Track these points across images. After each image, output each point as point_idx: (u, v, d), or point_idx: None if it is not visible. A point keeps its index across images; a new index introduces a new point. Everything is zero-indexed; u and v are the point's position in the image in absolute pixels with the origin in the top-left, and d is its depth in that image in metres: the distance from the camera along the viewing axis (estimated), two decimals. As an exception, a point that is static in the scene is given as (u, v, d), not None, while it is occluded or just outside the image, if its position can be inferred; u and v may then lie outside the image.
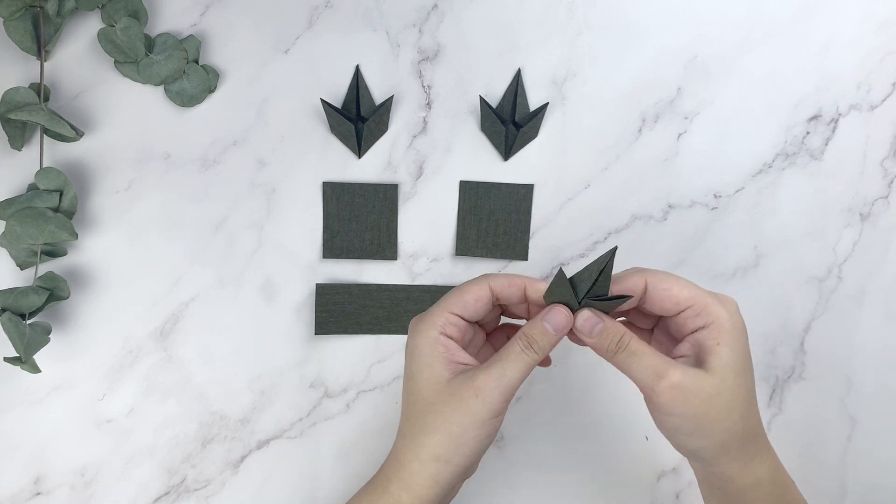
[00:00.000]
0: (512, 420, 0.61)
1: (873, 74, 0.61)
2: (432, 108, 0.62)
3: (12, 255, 0.59)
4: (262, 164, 0.61)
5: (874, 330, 0.60)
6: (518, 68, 0.61)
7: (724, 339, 0.41)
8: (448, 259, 0.61)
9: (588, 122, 0.61)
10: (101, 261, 0.61)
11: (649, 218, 0.61)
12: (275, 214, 0.61)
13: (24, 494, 0.60)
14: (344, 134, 0.60)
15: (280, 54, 0.62)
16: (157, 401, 0.60)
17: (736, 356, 0.42)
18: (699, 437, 0.43)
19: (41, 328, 0.57)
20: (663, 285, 0.43)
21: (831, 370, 0.60)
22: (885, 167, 0.61)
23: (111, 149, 0.61)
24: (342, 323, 0.60)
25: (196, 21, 0.62)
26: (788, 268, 0.61)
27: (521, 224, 0.61)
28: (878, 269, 0.61)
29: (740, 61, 0.61)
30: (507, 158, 0.61)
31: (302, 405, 0.61)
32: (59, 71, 0.61)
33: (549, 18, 0.62)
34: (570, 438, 0.60)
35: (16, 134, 0.59)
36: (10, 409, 0.60)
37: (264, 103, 0.62)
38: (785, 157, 0.61)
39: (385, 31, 0.62)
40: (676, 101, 0.61)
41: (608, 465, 0.60)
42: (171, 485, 0.60)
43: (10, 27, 0.58)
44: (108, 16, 0.59)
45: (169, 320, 0.61)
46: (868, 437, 0.60)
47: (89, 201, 0.61)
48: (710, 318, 0.42)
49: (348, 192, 0.61)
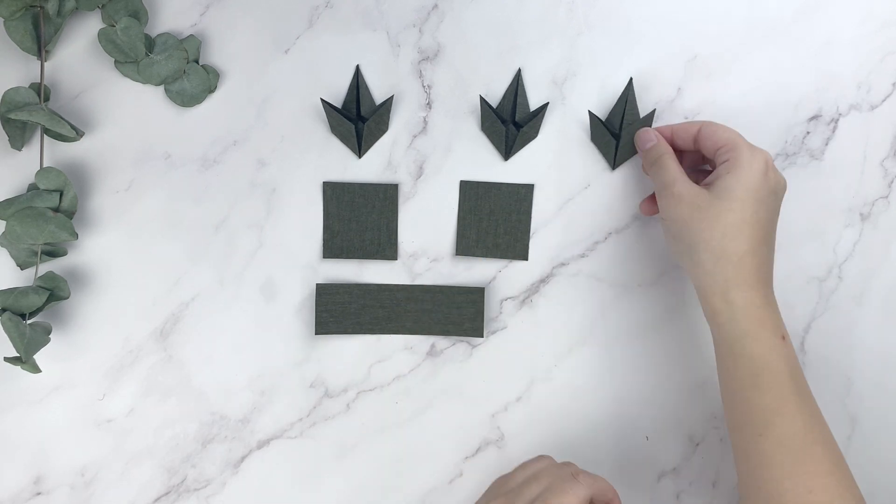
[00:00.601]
0: (512, 420, 0.61)
1: (873, 74, 0.61)
2: (432, 108, 0.62)
3: (12, 255, 0.59)
4: (262, 164, 0.61)
5: (874, 330, 0.60)
6: (518, 68, 0.61)
7: (734, 170, 0.50)
8: (448, 259, 0.61)
9: (588, 122, 0.61)
10: (101, 261, 0.61)
11: (649, 218, 0.61)
12: (275, 214, 0.61)
13: (24, 494, 0.60)
14: (344, 134, 0.60)
15: (280, 54, 0.62)
16: (157, 401, 0.60)
17: (739, 185, 0.49)
18: (680, 242, 0.51)
19: (41, 328, 0.57)
20: (712, 129, 0.53)
21: (831, 370, 0.60)
22: (885, 167, 0.61)
23: (111, 149, 0.61)
24: (342, 323, 0.60)
25: (196, 21, 0.62)
26: (788, 268, 0.61)
27: (521, 224, 0.61)
28: (878, 269, 0.61)
29: (740, 61, 0.61)
30: (507, 158, 0.61)
31: (302, 405, 0.61)
32: (59, 71, 0.61)
33: (549, 18, 0.62)
34: (570, 438, 0.60)
35: (16, 134, 0.59)
36: (10, 409, 0.60)
37: (264, 103, 0.62)
38: (785, 157, 0.61)
39: (385, 31, 0.62)
40: (676, 101, 0.61)
41: (608, 465, 0.60)
42: (171, 485, 0.60)
43: (10, 27, 0.58)
44: (109, 16, 0.59)
45: (169, 320, 0.61)
46: (868, 437, 0.60)
47: (89, 201, 0.61)
48: (733, 154, 0.50)
49: (348, 192, 0.61)
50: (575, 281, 0.61)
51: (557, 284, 0.61)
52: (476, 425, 0.61)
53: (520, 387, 0.61)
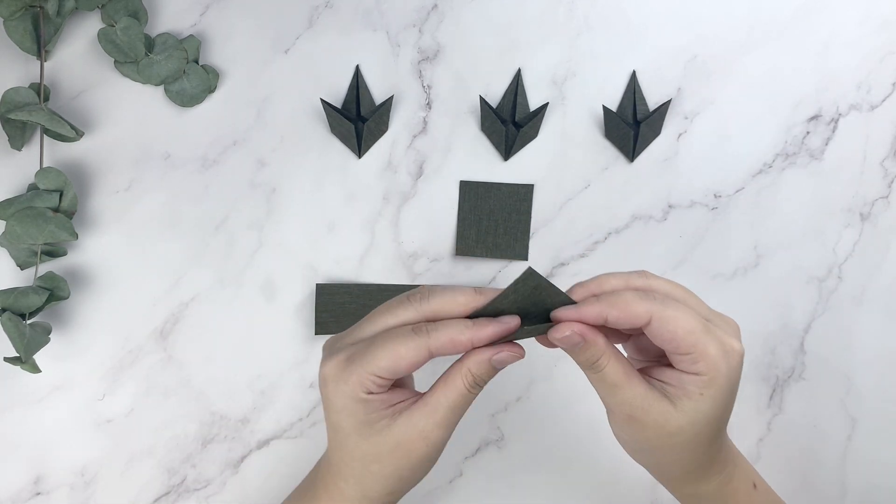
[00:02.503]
0: (512, 420, 0.61)
1: (873, 74, 0.61)
2: (432, 108, 0.62)
3: (12, 255, 0.59)
4: (262, 164, 0.61)
5: (874, 330, 0.60)
6: (518, 68, 0.61)
7: (710, 392, 0.38)
8: (448, 259, 0.61)
9: (588, 122, 0.61)
10: (101, 261, 0.61)
11: (649, 218, 0.61)
12: (275, 214, 0.61)
13: (24, 494, 0.60)
14: (344, 134, 0.60)
15: (280, 54, 0.62)
16: (157, 401, 0.60)
17: (715, 407, 0.39)
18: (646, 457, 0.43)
19: (41, 328, 0.57)
20: (670, 326, 0.37)
21: (831, 370, 0.60)
22: (885, 167, 0.61)
23: (111, 149, 0.61)
24: (342, 323, 0.60)
25: (196, 21, 0.62)
26: (788, 268, 0.61)
27: (521, 224, 0.61)
28: (878, 269, 0.61)
29: (740, 61, 0.61)
30: (507, 158, 0.61)
31: (302, 405, 0.61)
32: (59, 71, 0.61)
33: (549, 18, 0.62)
34: (570, 438, 0.60)
35: (16, 134, 0.59)
36: (10, 409, 0.60)
37: (264, 103, 0.62)
38: (785, 157, 0.61)
39: (385, 31, 0.62)
40: (676, 101, 0.61)
41: (608, 465, 0.60)
42: (171, 485, 0.60)
43: (10, 27, 0.58)
44: (108, 16, 0.59)
45: (169, 320, 0.61)
46: (868, 437, 0.60)
47: (89, 201, 0.61)
48: (706, 367, 0.38)
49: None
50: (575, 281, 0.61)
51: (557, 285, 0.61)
52: (476, 425, 0.61)
53: (520, 387, 0.61)
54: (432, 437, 0.39)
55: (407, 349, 0.37)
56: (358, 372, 0.38)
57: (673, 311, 0.38)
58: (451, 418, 0.40)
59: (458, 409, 0.40)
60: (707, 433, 0.40)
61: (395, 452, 0.39)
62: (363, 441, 0.40)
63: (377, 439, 0.39)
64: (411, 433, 0.39)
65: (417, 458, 0.40)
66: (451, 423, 0.40)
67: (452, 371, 0.40)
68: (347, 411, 0.39)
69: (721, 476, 0.44)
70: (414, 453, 0.39)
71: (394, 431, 0.39)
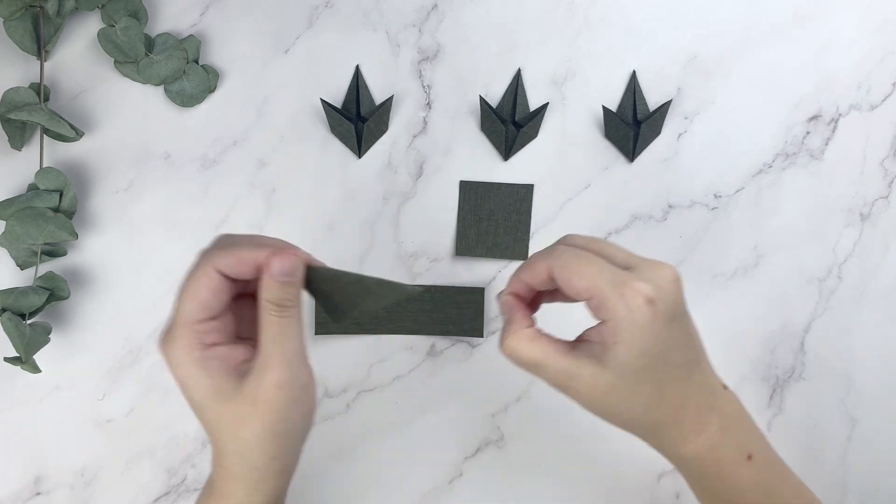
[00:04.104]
0: (512, 420, 0.61)
1: (873, 74, 0.61)
2: (432, 108, 0.62)
3: (12, 255, 0.59)
4: (262, 164, 0.61)
5: (874, 330, 0.60)
6: (518, 68, 0.61)
7: (621, 337, 0.38)
8: (448, 259, 0.61)
9: (588, 122, 0.61)
10: (101, 261, 0.61)
11: (649, 218, 0.61)
12: (275, 214, 0.61)
13: (24, 494, 0.60)
14: (344, 134, 0.60)
15: (280, 54, 0.62)
16: (157, 401, 0.60)
17: (635, 354, 0.38)
18: (621, 422, 0.42)
19: (41, 328, 0.57)
20: (564, 274, 0.39)
21: (831, 370, 0.60)
22: (885, 167, 0.61)
23: (111, 149, 0.61)
24: (342, 323, 0.60)
25: (196, 21, 0.62)
26: (788, 268, 0.61)
27: (521, 224, 0.61)
28: (878, 269, 0.61)
29: (740, 61, 0.61)
30: (507, 158, 0.61)
31: (302, 405, 0.61)
32: (59, 71, 0.61)
33: (549, 18, 0.62)
34: (570, 438, 0.60)
35: (16, 134, 0.59)
36: (10, 409, 0.60)
37: (264, 103, 0.62)
38: (785, 157, 0.61)
39: (385, 31, 0.62)
40: (676, 101, 0.61)
41: (608, 465, 0.60)
42: (171, 485, 0.60)
43: (10, 27, 0.58)
44: (108, 16, 0.59)
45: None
46: (868, 437, 0.60)
47: (89, 201, 0.61)
48: (609, 314, 0.38)
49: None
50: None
51: (557, 284, 0.61)
52: (476, 425, 0.61)
53: (520, 387, 0.61)
54: (285, 380, 0.38)
55: (198, 283, 0.38)
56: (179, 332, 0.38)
57: (569, 260, 0.39)
58: (289, 353, 0.39)
59: (286, 340, 0.39)
60: (644, 380, 0.39)
61: (256, 411, 0.38)
62: (220, 408, 0.39)
63: (232, 405, 0.38)
64: (264, 385, 0.38)
65: (282, 408, 0.38)
66: (295, 357, 0.39)
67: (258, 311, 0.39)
68: (192, 381, 0.38)
69: (700, 438, 0.42)
70: (276, 404, 0.38)
71: (245, 391, 0.38)
